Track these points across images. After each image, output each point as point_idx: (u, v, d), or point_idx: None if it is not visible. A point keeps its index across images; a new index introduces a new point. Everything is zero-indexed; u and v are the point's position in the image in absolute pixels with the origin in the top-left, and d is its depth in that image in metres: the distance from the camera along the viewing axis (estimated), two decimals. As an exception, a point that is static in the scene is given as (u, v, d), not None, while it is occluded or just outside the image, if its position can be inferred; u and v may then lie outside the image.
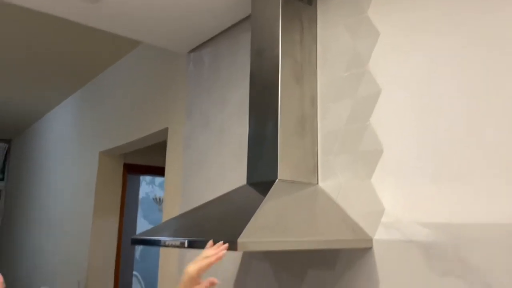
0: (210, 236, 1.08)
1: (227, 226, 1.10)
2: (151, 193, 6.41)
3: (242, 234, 0.97)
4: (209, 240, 1.06)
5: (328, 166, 1.38)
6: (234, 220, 1.12)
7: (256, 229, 1.02)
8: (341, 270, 1.29)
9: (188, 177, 2.10)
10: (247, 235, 0.98)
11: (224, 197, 1.38)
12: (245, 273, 1.64)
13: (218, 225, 1.15)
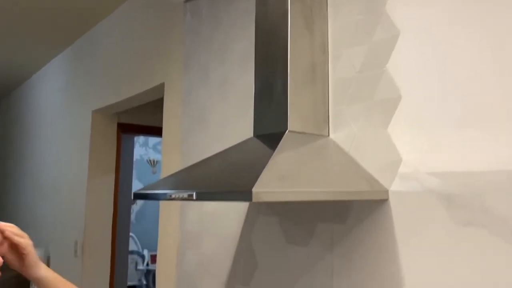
0: (221, 187, 1.02)
1: (238, 177, 1.04)
2: (145, 155, 6.35)
3: (257, 184, 0.91)
4: (219, 192, 1.00)
5: (340, 117, 1.31)
6: (246, 171, 1.06)
7: (270, 179, 0.96)
8: (353, 223, 1.24)
9: (188, 135, 2.03)
10: (261, 185, 0.92)
11: (231, 149, 1.32)
12: (250, 229, 1.60)
13: (228, 176, 1.08)
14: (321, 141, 1.30)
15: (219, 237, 1.76)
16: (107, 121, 3.20)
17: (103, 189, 3.16)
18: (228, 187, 0.99)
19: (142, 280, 5.55)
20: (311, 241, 1.36)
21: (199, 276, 1.85)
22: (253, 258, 1.57)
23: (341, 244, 1.27)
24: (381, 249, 1.16)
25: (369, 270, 1.19)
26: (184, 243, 1.97)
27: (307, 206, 1.39)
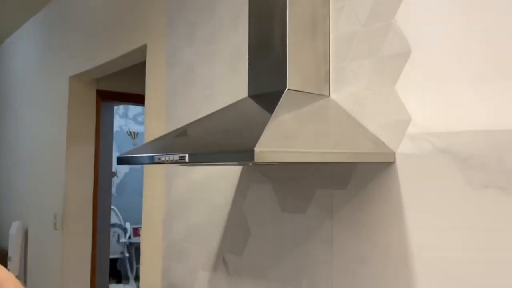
0: (217, 148, 0.92)
1: (236, 137, 0.94)
2: (125, 126, 6.18)
3: (259, 143, 0.81)
4: (216, 152, 0.89)
5: (341, 75, 1.22)
6: (244, 131, 0.96)
7: (272, 139, 0.86)
8: (355, 188, 1.16)
9: (174, 100, 1.91)
10: (263, 144, 0.82)
11: (224, 110, 1.21)
12: (242, 197, 1.51)
13: (224, 137, 0.98)
14: (322, 101, 1.20)
15: (208, 207, 1.67)
16: (85, 88, 3.03)
17: (83, 160, 3.02)
18: (225, 148, 0.89)
19: (125, 253, 5.47)
20: (308, 208, 1.28)
21: (187, 247, 1.76)
22: (246, 227, 1.49)
23: (342, 211, 1.19)
24: (387, 215, 1.09)
25: (373, 236, 1.11)
26: (171, 213, 1.87)
27: (304, 171, 1.30)
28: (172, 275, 1.83)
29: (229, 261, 1.55)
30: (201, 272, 1.68)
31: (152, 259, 1.98)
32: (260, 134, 0.86)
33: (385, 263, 1.08)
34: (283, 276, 1.34)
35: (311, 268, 1.26)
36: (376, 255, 1.10)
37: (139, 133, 6.19)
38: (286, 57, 1.14)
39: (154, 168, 1.99)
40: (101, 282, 3.43)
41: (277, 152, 0.83)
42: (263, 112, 1.07)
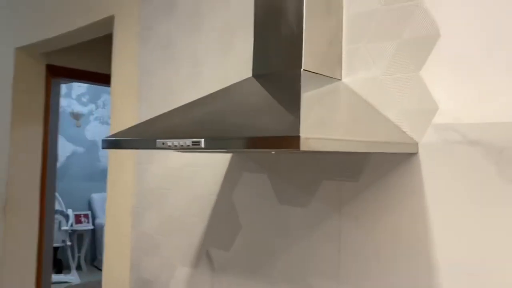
0: (241, 132, 0.79)
1: (263, 120, 0.82)
2: (68, 107, 5.77)
3: (302, 129, 0.70)
4: (240, 136, 0.77)
5: (356, 57, 1.12)
6: (270, 114, 0.84)
7: (311, 125, 0.75)
8: (368, 181, 1.08)
9: (148, 79, 1.73)
10: (307, 131, 0.70)
11: (229, 91, 1.08)
12: (232, 187, 1.39)
13: (246, 120, 0.85)
14: (337, 85, 1.10)
15: (188, 196, 1.53)
16: (34, 62, 2.73)
17: (30, 141, 2.74)
18: (255, 132, 0.77)
19: (67, 241, 5.13)
20: (312, 201, 1.19)
21: (162, 239, 1.61)
22: (236, 220, 1.37)
23: (352, 205, 1.11)
24: (407, 210, 1.02)
25: (390, 233, 1.04)
26: (142, 202, 1.71)
27: (307, 162, 1.20)
28: (143, 270, 1.68)
29: (215, 256, 1.43)
30: (180, 267, 1.54)
31: (118, 251, 1.81)
32: (297, 119, 0.74)
33: (406, 263, 1.01)
34: (280, 274, 1.24)
35: (314, 266, 1.17)
36: (394, 253, 1.03)
37: (83, 115, 5.81)
38: (302, 34, 1.03)
39: (123, 153, 1.81)
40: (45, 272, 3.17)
41: (324, 140, 0.72)
42: (281, 94, 0.95)
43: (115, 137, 1.00)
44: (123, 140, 0.98)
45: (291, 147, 0.68)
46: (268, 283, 1.27)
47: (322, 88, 1.01)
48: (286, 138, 0.69)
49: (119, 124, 1.85)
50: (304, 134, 0.69)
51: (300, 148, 0.67)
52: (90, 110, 5.87)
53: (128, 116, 1.80)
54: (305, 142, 0.68)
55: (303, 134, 0.68)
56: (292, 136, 0.68)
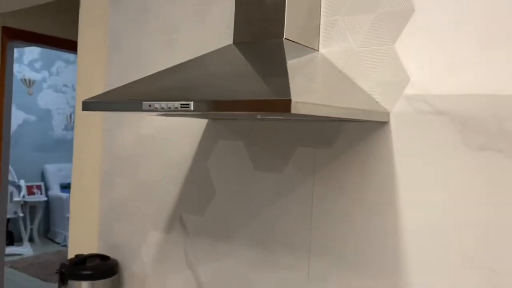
0: (227, 95, 0.82)
1: (252, 85, 0.84)
2: (19, 73, 5.50)
3: (293, 93, 0.73)
4: (232, 99, 0.79)
5: (333, 29, 1.16)
6: (257, 79, 0.87)
7: (299, 90, 0.79)
8: (341, 147, 1.15)
9: (118, 44, 1.70)
10: (297, 95, 0.74)
11: (209, 57, 1.09)
12: (207, 154, 1.42)
13: (234, 84, 0.88)
14: (315, 55, 1.14)
15: (161, 163, 1.54)
16: (-12, 23, 2.59)
17: (-15, 106, 2.61)
18: (241, 95, 0.80)
19: (18, 213, 4.98)
20: (287, 167, 1.24)
21: (133, 205, 1.62)
22: (210, 186, 1.40)
23: (325, 170, 1.17)
24: (376, 175, 1.09)
25: (359, 195, 1.11)
26: (112, 169, 1.70)
27: (283, 129, 1.24)
28: (113, 235, 1.69)
29: (188, 221, 1.46)
30: (151, 233, 1.56)
31: (85, 218, 1.80)
32: (286, 83, 0.78)
33: (371, 220, 1.09)
34: (254, 237, 1.30)
35: (286, 228, 1.23)
36: (361, 212, 1.11)
37: (35, 81, 5.56)
38: (284, 3, 1.06)
39: (90, 118, 1.78)
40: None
41: (312, 105, 0.76)
42: (266, 61, 0.98)
43: (97, 99, 1.00)
44: (105, 102, 0.98)
45: (282, 110, 0.71)
46: (241, 246, 1.32)
47: (302, 57, 1.05)
48: (278, 101, 0.73)
49: (86, 90, 1.81)
50: (294, 98, 0.72)
51: (291, 111, 0.71)
52: (43, 77, 5.63)
53: (95, 83, 1.77)
54: (295, 106, 0.72)
55: (293, 98, 0.72)
56: (284, 99, 0.72)
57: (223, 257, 1.36)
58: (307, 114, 0.77)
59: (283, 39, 1.04)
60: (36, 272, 4.25)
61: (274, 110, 0.73)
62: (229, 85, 0.87)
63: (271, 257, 1.26)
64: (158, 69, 1.53)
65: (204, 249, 1.41)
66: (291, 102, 0.71)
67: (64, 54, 5.64)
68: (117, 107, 0.96)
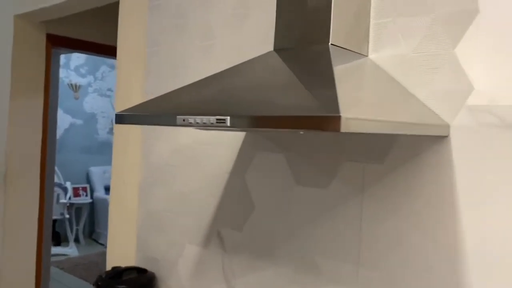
0: (267, 109, 0.74)
1: (291, 97, 0.76)
2: (66, 78, 5.66)
3: (342, 108, 0.64)
4: (271, 115, 0.71)
5: (384, 32, 1.06)
6: (299, 90, 0.78)
7: (349, 104, 0.69)
8: (393, 164, 1.04)
9: (157, 50, 1.66)
10: (346, 110, 0.65)
11: (250, 65, 1.01)
12: (245, 166, 1.34)
13: (274, 96, 0.79)
14: (364, 61, 1.04)
15: (198, 174, 1.48)
16: (33, 31, 2.64)
17: (30, 113, 2.67)
18: (282, 110, 0.71)
19: (65, 214, 5.11)
20: (332, 182, 1.14)
21: (171, 217, 1.57)
22: (248, 199, 1.33)
23: (376, 188, 1.06)
24: (433, 196, 0.97)
25: (415, 218, 1.00)
26: (149, 178, 1.66)
27: (329, 142, 1.15)
28: (150, 247, 1.64)
29: (226, 236, 1.39)
30: (189, 246, 1.51)
31: (123, 227, 1.77)
32: (333, 95, 0.69)
33: (426, 241, 0.98)
34: (295, 255, 1.21)
35: (332, 249, 1.14)
36: (417, 238, 0.99)
37: (81, 86, 5.70)
38: (330, 5, 0.96)
39: (128, 128, 1.75)
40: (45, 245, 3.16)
41: (367, 121, 0.67)
42: (309, 69, 0.89)
43: (129, 112, 0.95)
44: (139, 116, 0.92)
45: (329, 128, 0.62)
46: (281, 264, 1.24)
47: (350, 64, 0.95)
48: (325, 118, 0.64)
49: (125, 97, 1.78)
50: (344, 114, 0.63)
51: (341, 129, 0.62)
52: (89, 81, 5.77)
53: (134, 89, 1.74)
54: (346, 123, 0.63)
55: (343, 113, 0.63)
56: (332, 116, 0.63)
57: (262, 274, 1.28)
58: (359, 132, 0.67)
59: (328, 45, 0.95)
60: (81, 274, 4.33)
61: (321, 129, 0.64)
62: (270, 97, 0.79)
63: (314, 277, 1.16)
64: (195, 76, 1.47)
65: (242, 265, 1.34)
66: (341, 119, 0.62)
67: (108, 59, 5.75)
68: (151, 121, 0.90)
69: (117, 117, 0.98)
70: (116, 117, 0.99)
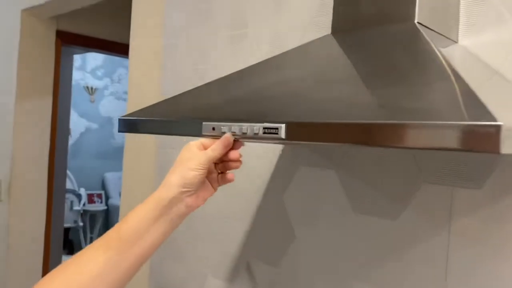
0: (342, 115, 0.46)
1: (382, 96, 0.48)
2: (82, 80, 5.48)
3: (497, 116, 0.37)
4: (354, 122, 0.44)
5: (482, 10, 0.78)
6: (384, 86, 0.50)
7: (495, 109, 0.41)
8: (498, 187, 0.75)
9: (175, 44, 1.40)
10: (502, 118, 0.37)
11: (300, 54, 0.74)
12: (283, 185, 1.07)
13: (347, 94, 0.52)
14: (454, 48, 0.76)
15: (226, 192, 1.21)
16: (42, 27, 2.42)
17: (37, 115, 2.44)
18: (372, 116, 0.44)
19: (78, 222, 4.91)
20: (405, 211, 0.86)
21: (190, 243, 1.31)
22: (287, 226, 1.05)
23: (470, 219, 0.78)
24: None
25: (532, 268, 0.71)
26: (165, 195, 1.40)
27: (397, 156, 0.87)
28: (165, 277, 1.38)
29: (257, 270, 1.12)
30: (211, 279, 1.24)
31: (134, 252, 1.51)
32: (471, 96, 0.41)
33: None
34: (351, 303, 0.93)
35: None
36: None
37: (97, 89, 5.52)
38: (415, -31, 0.69)
39: (143, 137, 1.50)
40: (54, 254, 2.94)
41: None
42: (397, 56, 0.62)
43: (134, 117, 0.68)
44: (147, 121, 0.66)
45: (488, 149, 0.35)
46: (331, 313, 0.96)
47: (448, 50, 0.67)
48: (480, 131, 0.36)
49: (138, 99, 1.53)
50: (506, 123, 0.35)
51: (501, 151, 0.34)
52: (105, 84, 5.57)
53: (148, 89, 1.49)
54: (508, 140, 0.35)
55: (504, 122, 0.35)
56: (489, 126, 0.35)
57: (304, 321, 1.01)
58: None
59: (415, 23, 0.68)
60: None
61: (475, 148, 0.37)
62: (348, 96, 0.51)
63: (378, 338, 0.88)
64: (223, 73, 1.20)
65: (279, 310, 1.06)
66: (501, 133, 0.35)
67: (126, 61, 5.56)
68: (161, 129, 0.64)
69: (119, 124, 0.72)
70: (118, 124, 0.73)
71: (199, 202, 0.72)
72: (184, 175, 0.67)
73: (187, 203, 0.69)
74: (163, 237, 0.69)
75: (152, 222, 0.67)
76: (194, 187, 0.68)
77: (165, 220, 0.68)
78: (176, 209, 0.68)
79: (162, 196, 0.68)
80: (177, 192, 0.67)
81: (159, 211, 0.67)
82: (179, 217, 0.70)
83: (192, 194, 0.69)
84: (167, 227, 0.69)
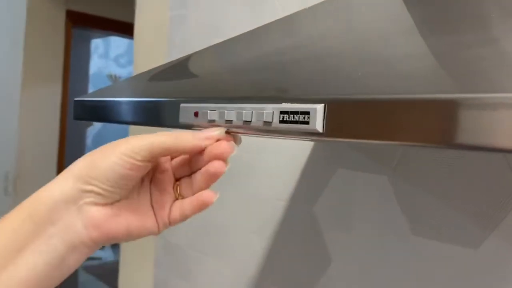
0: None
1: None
2: (105, 68, 5.34)
3: None
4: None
5: None
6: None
7: None
8: None
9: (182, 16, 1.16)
10: None
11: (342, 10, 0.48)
12: (315, 193, 0.81)
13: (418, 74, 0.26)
14: None
15: (243, 199, 0.97)
16: (50, 6, 2.23)
17: (45, 102, 2.27)
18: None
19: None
20: (487, 238, 0.60)
21: (199, 258, 1.08)
22: (321, 248, 0.80)
23: None
24: None
25: None
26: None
27: (468, 158, 0.60)
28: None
29: (280, 300, 0.87)
30: (223, 305, 1.00)
31: (139, 264, 1.30)
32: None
33: None
34: None
35: None
36: None
37: (121, 77, 5.37)
38: None
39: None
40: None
41: None
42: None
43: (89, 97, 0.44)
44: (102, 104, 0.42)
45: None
46: None
47: None
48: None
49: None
50: None
51: None
52: (129, 72, 5.42)
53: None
54: None
55: None
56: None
57: None
58: None
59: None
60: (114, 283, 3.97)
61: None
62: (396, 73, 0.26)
63: None
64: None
65: None
66: None
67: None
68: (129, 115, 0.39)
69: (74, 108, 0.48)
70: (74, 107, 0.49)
71: (117, 224, 0.38)
72: (95, 163, 0.36)
73: (90, 218, 0.37)
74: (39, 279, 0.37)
75: (17, 250, 0.35)
76: (108, 186, 0.37)
77: (38, 248, 0.36)
78: (65, 227, 0.36)
79: (43, 199, 0.37)
80: (74, 188, 0.36)
81: (32, 228, 0.36)
82: (70, 247, 0.37)
83: (104, 201, 0.37)
84: (44, 261, 0.36)
